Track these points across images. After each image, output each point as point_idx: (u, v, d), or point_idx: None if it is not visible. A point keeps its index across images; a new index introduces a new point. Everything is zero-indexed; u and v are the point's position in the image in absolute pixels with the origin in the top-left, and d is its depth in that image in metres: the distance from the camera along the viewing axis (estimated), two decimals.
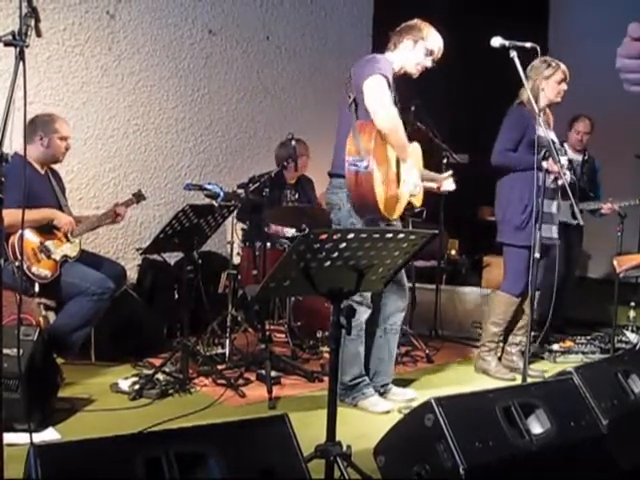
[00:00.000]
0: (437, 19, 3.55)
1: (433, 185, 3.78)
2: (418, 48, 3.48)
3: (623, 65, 1.16)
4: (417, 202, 3.61)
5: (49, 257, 3.80)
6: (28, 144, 3.85)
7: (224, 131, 5.93)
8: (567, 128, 5.34)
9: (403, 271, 3.55)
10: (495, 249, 5.78)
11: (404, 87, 3.56)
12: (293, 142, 4.96)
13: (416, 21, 3.55)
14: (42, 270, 3.75)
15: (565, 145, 5.21)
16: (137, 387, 3.53)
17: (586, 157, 5.36)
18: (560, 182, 3.69)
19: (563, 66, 4.05)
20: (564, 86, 4.09)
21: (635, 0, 6.70)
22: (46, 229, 3.84)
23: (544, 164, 3.57)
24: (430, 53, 3.48)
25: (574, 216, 4.59)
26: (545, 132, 3.67)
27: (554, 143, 3.82)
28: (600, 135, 5.87)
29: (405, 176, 3.43)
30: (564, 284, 5.17)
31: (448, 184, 3.78)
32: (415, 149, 3.64)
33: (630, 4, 6.72)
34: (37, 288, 3.72)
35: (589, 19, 7.31)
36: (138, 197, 4.35)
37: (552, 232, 4.06)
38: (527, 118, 3.97)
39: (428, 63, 3.50)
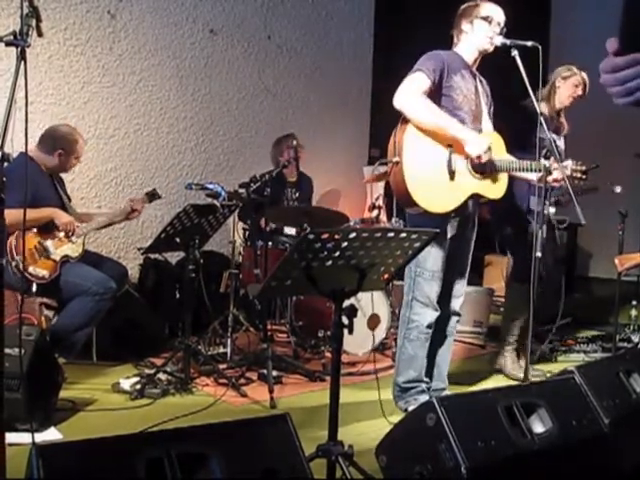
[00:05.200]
0: (438, 19, 3.54)
1: (531, 176, 3.48)
2: (477, 26, 3.32)
3: (603, 80, 1.20)
4: (492, 194, 3.35)
5: (48, 257, 3.79)
6: (45, 154, 3.90)
7: (225, 130, 5.93)
8: None
9: (466, 273, 3.54)
10: (495, 248, 5.80)
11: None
12: (294, 141, 4.97)
13: (464, 5, 3.41)
14: (39, 270, 3.73)
15: None
16: (139, 387, 3.53)
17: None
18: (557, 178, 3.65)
19: (584, 74, 4.11)
20: (579, 91, 4.14)
21: (636, 2, 6.71)
22: (46, 228, 3.84)
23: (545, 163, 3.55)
24: (490, 22, 3.30)
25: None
26: (550, 134, 3.66)
27: (557, 147, 3.82)
28: (601, 134, 5.88)
29: (456, 166, 3.19)
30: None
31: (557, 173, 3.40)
32: (495, 138, 3.41)
33: None
34: (34, 288, 3.70)
35: (590, 20, 7.30)
36: (151, 196, 4.29)
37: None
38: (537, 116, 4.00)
39: (496, 34, 3.30)
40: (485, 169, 3.30)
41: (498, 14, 3.35)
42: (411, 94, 3.13)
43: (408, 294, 3.38)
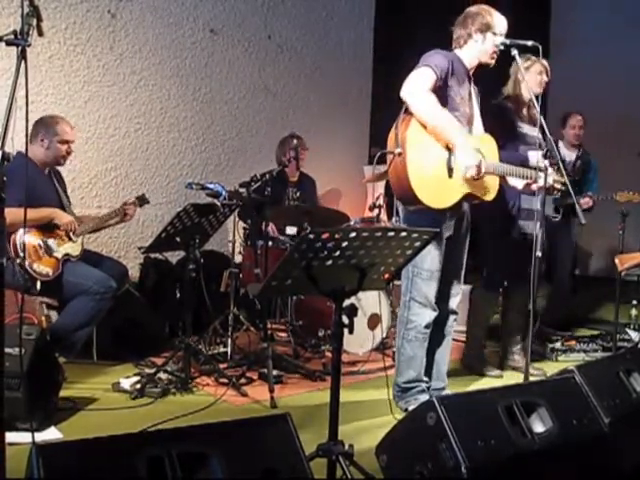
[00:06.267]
0: (438, 19, 3.54)
1: (517, 183, 3.54)
2: (488, 38, 3.32)
3: None
4: (485, 196, 3.36)
5: (50, 255, 3.80)
6: (31, 144, 3.88)
7: (225, 130, 5.93)
8: (560, 126, 5.31)
9: (462, 271, 3.54)
10: None
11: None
12: (295, 141, 4.97)
13: (476, 9, 3.38)
14: (43, 268, 3.75)
15: (560, 143, 5.19)
16: (139, 386, 3.53)
17: (580, 153, 5.32)
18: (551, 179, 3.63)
19: (543, 60, 4.04)
20: (545, 77, 4.09)
21: (634, 5, 6.75)
22: (48, 227, 3.84)
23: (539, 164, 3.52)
24: (500, 36, 3.32)
25: (557, 210, 4.65)
26: (530, 129, 3.69)
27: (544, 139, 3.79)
28: (600, 134, 5.87)
29: (455, 164, 3.20)
30: (546, 283, 5.08)
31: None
32: (487, 140, 3.45)
33: (630, 8, 6.76)
34: (39, 286, 3.71)
35: (590, 20, 7.31)
36: (141, 201, 4.32)
37: (530, 228, 4.00)
38: (510, 113, 4.01)
39: (499, 45, 3.32)
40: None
41: (505, 30, 3.37)
42: (418, 88, 3.10)
43: (406, 294, 3.38)
